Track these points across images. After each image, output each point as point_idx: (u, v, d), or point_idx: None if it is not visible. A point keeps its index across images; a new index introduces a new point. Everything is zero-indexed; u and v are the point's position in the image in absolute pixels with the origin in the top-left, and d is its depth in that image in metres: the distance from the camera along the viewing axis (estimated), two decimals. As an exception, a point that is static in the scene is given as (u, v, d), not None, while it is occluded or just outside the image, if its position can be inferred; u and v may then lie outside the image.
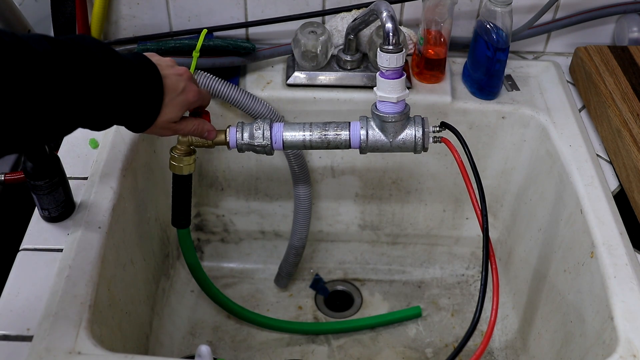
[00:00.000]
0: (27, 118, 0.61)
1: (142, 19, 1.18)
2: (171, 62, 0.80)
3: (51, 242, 0.90)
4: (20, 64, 0.59)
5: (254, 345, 1.22)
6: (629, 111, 1.03)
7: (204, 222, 1.33)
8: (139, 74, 0.73)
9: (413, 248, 1.35)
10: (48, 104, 0.62)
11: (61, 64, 0.63)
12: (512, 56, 1.24)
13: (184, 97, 0.79)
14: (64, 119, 0.65)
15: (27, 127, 0.61)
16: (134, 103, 0.72)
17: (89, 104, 0.66)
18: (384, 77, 0.87)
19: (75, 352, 0.77)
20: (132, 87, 0.71)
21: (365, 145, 0.91)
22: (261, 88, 1.14)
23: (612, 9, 1.19)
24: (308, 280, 1.32)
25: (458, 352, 0.78)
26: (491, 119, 1.16)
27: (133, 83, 0.71)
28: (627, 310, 0.85)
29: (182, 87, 0.79)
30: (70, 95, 0.64)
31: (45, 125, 0.63)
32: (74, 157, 1.02)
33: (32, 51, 0.60)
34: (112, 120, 0.72)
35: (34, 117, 0.61)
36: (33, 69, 0.59)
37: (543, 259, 1.11)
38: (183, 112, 0.81)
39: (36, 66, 0.60)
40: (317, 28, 1.11)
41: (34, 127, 0.62)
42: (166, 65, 0.78)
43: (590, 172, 1.02)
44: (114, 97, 0.69)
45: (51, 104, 0.62)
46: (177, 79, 0.78)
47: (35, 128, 0.62)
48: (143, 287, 1.09)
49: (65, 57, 0.63)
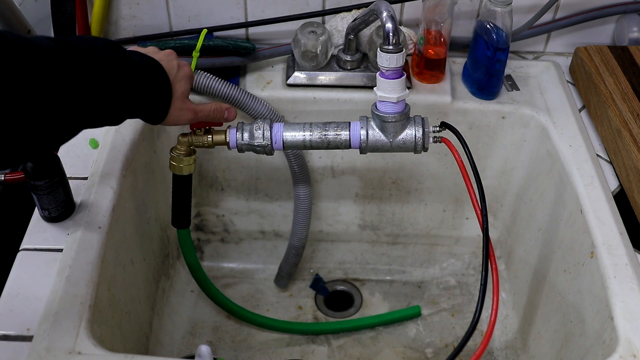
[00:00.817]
0: (42, 120, 0.62)
1: (142, 19, 1.18)
2: (153, 50, 0.84)
3: (51, 242, 0.90)
4: (32, 63, 0.60)
5: (254, 345, 1.22)
6: (629, 111, 1.03)
7: (204, 222, 1.33)
8: (143, 66, 0.77)
9: (413, 248, 1.35)
10: (58, 104, 0.63)
11: (66, 63, 0.64)
12: (512, 56, 1.24)
13: (183, 71, 0.84)
14: (78, 117, 0.66)
15: (44, 129, 0.63)
16: (146, 91, 0.77)
17: (99, 100, 0.68)
18: (384, 77, 0.87)
19: (75, 352, 0.77)
20: (141, 77, 0.75)
21: (365, 145, 0.91)
22: (261, 88, 1.14)
23: (612, 9, 1.19)
24: (308, 280, 1.32)
25: (458, 352, 0.78)
26: (491, 119, 1.16)
27: (140, 74, 0.75)
28: (627, 310, 0.85)
29: (176, 64, 0.83)
30: (76, 93, 0.65)
31: (60, 126, 0.65)
32: (74, 157, 1.02)
33: (41, 50, 0.61)
34: (127, 113, 0.75)
35: (49, 119, 0.62)
36: (41, 68, 0.61)
37: (543, 259, 1.11)
38: (190, 85, 0.85)
39: (44, 65, 0.61)
40: (317, 28, 1.11)
41: (51, 128, 0.63)
42: (153, 52, 0.83)
43: (590, 172, 1.02)
44: (127, 91, 0.72)
45: (61, 104, 0.63)
46: (169, 59, 0.83)
47: (52, 129, 0.64)
48: (143, 287, 1.09)
49: (70, 56, 0.65)
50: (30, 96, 0.59)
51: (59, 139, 0.66)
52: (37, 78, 0.60)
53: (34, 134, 0.62)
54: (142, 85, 0.75)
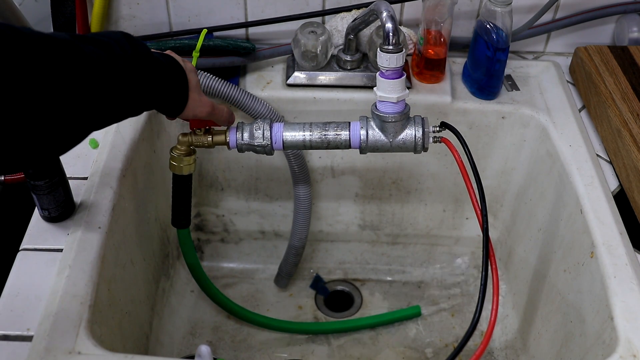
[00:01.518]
0: (61, 115, 0.62)
1: (142, 19, 1.18)
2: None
3: (51, 242, 0.90)
4: (71, 62, 0.62)
5: (254, 345, 1.22)
6: (629, 111, 1.03)
7: (204, 222, 1.33)
8: (159, 56, 0.79)
9: (413, 248, 1.35)
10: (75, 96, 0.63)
11: (82, 55, 0.65)
12: (512, 56, 1.24)
13: (189, 65, 0.85)
14: (95, 111, 0.67)
15: (64, 123, 0.63)
16: (165, 79, 0.78)
17: (119, 91, 0.69)
18: (384, 77, 0.87)
19: (75, 352, 0.77)
20: (159, 67, 0.77)
21: (365, 145, 0.91)
22: (261, 88, 1.14)
23: (612, 9, 1.19)
24: (308, 280, 1.32)
25: (458, 352, 0.78)
26: (491, 119, 1.16)
27: (158, 63, 0.77)
28: (627, 310, 0.85)
29: (180, 58, 0.85)
30: (93, 85, 0.66)
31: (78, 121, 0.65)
32: (74, 157, 1.02)
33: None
34: (147, 103, 0.77)
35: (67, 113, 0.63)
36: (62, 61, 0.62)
37: (543, 259, 1.11)
38: (198, 79, 0.86)
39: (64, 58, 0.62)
40: (317, 28, 1.11)
41: (71, 123, 0.64)
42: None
43: (590, 172, 1.02)
44: (147, 79, 0.74)
45: (79, 96, 0.64)
46: (172, 54, 0.84)
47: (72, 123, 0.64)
48: (143, 287, 1.09)
49: (87, 48, 0.66)
50: (53, 91, 0.60)
51: (81, 132, 0.67)
52: (57, 70, 0.60)
53: (57, 128, 0.62)
54: (162, 74, 0.76)
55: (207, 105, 0.85)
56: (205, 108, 0.85)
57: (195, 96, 0.83)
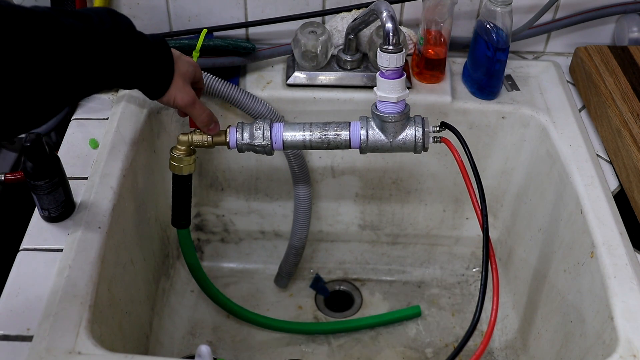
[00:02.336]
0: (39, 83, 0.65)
1: (142, 19, 1.18)
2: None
3: (51, 242, 0.90)
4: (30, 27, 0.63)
5: (254, 345, 1.22)
6: (629, 111, 1.03)
7: (204, 222, 1.33)
8: (147, 36, 0.81)
9: (413, 248, 1.35)
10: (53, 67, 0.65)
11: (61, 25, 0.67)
12: (512, 56, 1.24)
13: (187, 57, 0.87)
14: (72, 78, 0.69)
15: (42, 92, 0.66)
16: (147, 57, 0.80)
17: (96, 60, 0.71)
18: (384, 77, 0.87)
19: (75, 352, 0.77)
20: (143, 44, 0.79)
21: (365, 145, 0.91)
22: (261, 88, 1.14)
23: (612, 9, 1.19)
24: (308, 280, 1.32)
25: (458, 352, 0.78)
26: (491, 119, 1.16)
27: (142, 41, 0.79)
28: (627, 310, 0.85)
29: (180, 53, 0.87)
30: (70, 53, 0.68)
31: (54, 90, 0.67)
32: (74, 157, 1.02)
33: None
34: (126, 80, 0.79)
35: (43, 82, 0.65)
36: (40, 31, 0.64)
37: (543, 259, 1.11)
38: (192, 70, 0.88)
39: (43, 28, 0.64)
40: (317, 28, 1.11)
41: (48, 92, 0.66)
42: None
43: (590, 172, 1.02)
44: (126, 55, 0.76)
45: (57, 65, 0.66)
46: (175, 52, 0.86)
47: (49, 92, 0.67)
48: (143, 287, 1.09)
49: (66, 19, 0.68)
50: (29, 60, 0.61)
51: (56, 103, 0.69)
52: (31, 40, 0.62)
53: (36, 96, 0.64)
54: (144, 50, 0.77)
55: (190, 95, 0.85)
56: (187, 97, 0.85)
57: (180, 83, 0.83)
